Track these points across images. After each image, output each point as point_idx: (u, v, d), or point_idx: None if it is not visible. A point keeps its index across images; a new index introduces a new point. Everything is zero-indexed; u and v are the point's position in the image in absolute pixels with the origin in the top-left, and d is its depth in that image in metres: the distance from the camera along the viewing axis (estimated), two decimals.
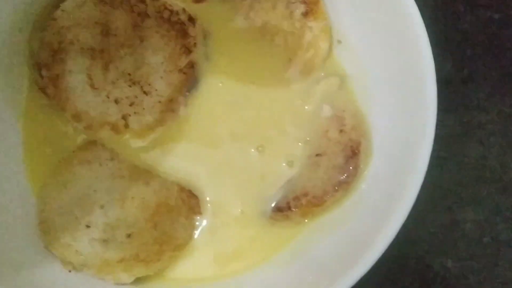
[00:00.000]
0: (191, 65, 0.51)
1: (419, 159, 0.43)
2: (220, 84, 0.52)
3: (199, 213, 0.49)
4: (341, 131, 0.49)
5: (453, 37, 0.63)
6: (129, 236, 0.47)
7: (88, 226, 0.47)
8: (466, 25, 0.63)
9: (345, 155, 0.48)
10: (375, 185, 0.47)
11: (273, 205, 0.49)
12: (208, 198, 0.50)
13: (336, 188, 0.48)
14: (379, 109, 0.49)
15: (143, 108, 0.49)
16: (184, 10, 0.51)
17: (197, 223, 0.49)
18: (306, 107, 0.51)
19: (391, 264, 0.58)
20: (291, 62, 0.52)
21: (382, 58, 0.49)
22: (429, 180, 0.60)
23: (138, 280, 0.46)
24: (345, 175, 0.48)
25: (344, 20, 0.51)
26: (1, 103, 0.49)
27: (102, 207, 0.47)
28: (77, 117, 0.48)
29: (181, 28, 0.50)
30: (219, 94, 0.51)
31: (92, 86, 0.49)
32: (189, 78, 0.51)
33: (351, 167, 0.48)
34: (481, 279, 0.59)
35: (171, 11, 0.50)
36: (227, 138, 0.50)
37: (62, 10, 0.48)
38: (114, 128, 0.49)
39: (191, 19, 0.51)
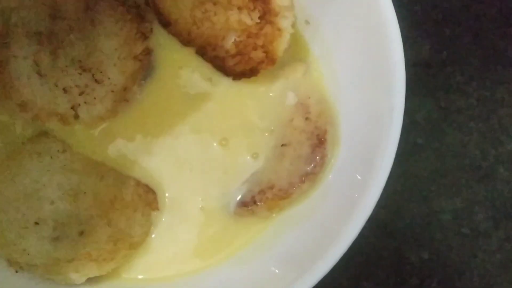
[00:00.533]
0: (147, 52, 0.48)
1: (387, 146, 0.40)
2: (179, 71, 0.49)
3: (157, 209, 0.47)
4: (306, 119, 0.46)
5: (432, 17, 0.61)
6: (81, 233, 0.44)
7: (36, 223, 0.44)
8: (445, 4, 0.60)
9: (311, 144, 0.46)
10: (343, 175, 0.45)
11: (237, 200, 0.47)
12: (166, 194, 0.47)
13: (303, 179, 0.45)
14: (347, 94, 0.47)
15: (94, 98, 0.47)
16: None
17: (154, 219, 0.47)
18: (270, 94, 0.48)
19: (366, 256, 0.56)
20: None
21: (350, 39, 0.46)
22: (405, 169, 0.58)
23: (90, 281, 0.43)
24: (312, 165, 0.46)
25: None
26: None
27: (52, 202, 0.45)
28: (23, 106, 0.46)
29: (137, 12, 0.48)
30: (178, 82, 0.49)
31: (39, 73, 0.46)
32: (145, 66, 0.48)
33: (317, 157, 0.45)
34: (459, 271, 0.57)
35: None
36: (187, 129, 0.48)
37: None
38: (63, 118, 0.46)
39: (148, 3, 0.49)
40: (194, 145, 0.48)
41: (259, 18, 0.45)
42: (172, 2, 0.48)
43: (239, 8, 0.46)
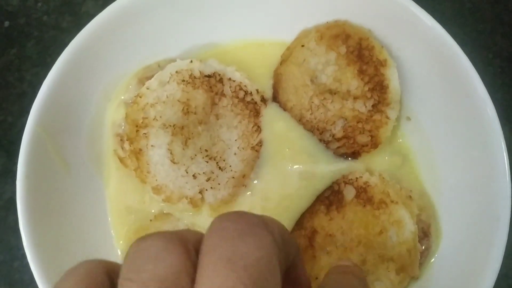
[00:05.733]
0: (262, 143, 0.53)
1: (494, 249, 0.44)
2: (289, 154, 0.53)
3: None
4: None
5: (511, 105, 0.65)
6: None
7: None
8: None
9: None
10: (446, 269, 0.48)
11: None
12: None
13: None
14: (447, 189, 0.51)
15: (218, 183, 0.51)
16: (257, 91, 0.54)
17: None
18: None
19: None
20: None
21: (451, 137, 0.51)
22: None
23: None
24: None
25: (414, 97, 0.54)
26: (91, 168, 0.53)
27: None
28: (157, 190, 0.50)
29: (254, 108, 0.54)
30: (288, 166, 0.53)
31: (173, 160, 0.50)
32: (260, 155, 0.53)
33: (423, 247, 0.49)
34: None
35: (246, 92, 0.53)
36: (301, 203, 0.51)
37: (147, 88, 0.51)
38: (192, 201, 0.50)
39: (263, 100, 0.55)
40: None
41: (372, 106, 0.51)
42: (293, 90, 0.54)
43: (355, 98, 0.52)
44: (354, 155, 0.53)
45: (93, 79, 0.53)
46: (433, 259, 0.49)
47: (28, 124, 0.48)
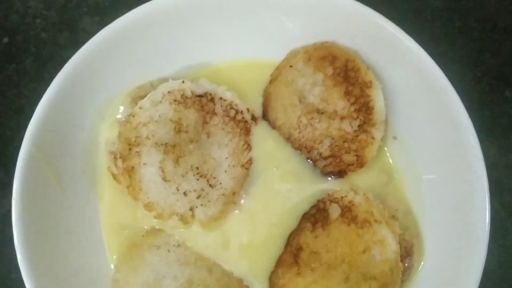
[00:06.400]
0: (252, 161, 0.54)
1: (473, 269, 0.45)
2: (275, 169, 0.54)
3: None
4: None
5: (499, 123, 0.67)
6: None
7: None
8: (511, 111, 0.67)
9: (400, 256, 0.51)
10: (429, 283, 0.50)
11: None
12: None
13: None
14: (431, 208, 0.52)
15: (209, 201, 0.52)
16: (248, 109, 0.56)
17: None
18: None
19: None
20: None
21: (435, 157, 0.52)
22: None
23: None
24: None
25: (400, 118, 0.55)
26: (85, 185, 0.54)
27: None
28: (149, 206, 0.51)
29: (244, 126, 0.55)
30: (277, 185, 0.54)
31: (164, 178, 0.52)
32: (251, 173, 0.54)
33: (406, 264, 0.50)
34: None
35: (236, 111, 0.55)
36: (289, 223, 0.53)
37: (140, 108, 0.53)
38: (183, 218, 0.52)
39: (254, 118, 0.56)
40: None
41: (358, 126, 0.53)
42: (282, 109, 0.55)
43: (342, 118, 0.53)
44: (341, 173, 0.54)
45: (88, 98, 0.54)
46: (415, 277, 0.50)
47: (23, 144, 0.49)
